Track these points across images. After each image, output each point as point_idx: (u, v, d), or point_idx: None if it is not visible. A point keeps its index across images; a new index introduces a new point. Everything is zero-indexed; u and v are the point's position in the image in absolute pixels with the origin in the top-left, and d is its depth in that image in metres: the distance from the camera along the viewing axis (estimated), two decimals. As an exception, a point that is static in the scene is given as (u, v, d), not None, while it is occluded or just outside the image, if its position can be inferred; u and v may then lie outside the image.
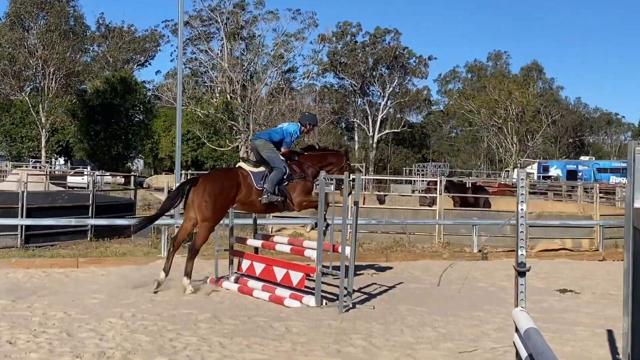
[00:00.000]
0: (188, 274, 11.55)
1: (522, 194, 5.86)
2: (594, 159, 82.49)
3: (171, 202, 12.47)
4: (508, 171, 71.97)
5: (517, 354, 5.60)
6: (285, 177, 12.09)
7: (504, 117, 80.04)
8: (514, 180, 50.68)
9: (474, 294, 11.99)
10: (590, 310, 10.79)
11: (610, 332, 8.80)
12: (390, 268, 15.03)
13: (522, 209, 5.79)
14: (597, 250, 19.78)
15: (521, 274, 5.79)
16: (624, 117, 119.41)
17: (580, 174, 68.34)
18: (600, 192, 26.77)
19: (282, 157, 12.30)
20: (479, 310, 10.43)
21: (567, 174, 69.35)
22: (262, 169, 12.15)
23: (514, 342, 5.73)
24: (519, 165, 68.82)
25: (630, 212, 4.66)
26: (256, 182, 11.96)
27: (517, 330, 5.53)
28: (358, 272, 12.93)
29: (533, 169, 70.13)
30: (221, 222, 12.44)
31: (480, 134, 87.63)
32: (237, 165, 12.96)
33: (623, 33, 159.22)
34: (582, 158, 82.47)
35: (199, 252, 12.12)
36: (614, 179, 60.00)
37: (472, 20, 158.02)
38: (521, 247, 5.80)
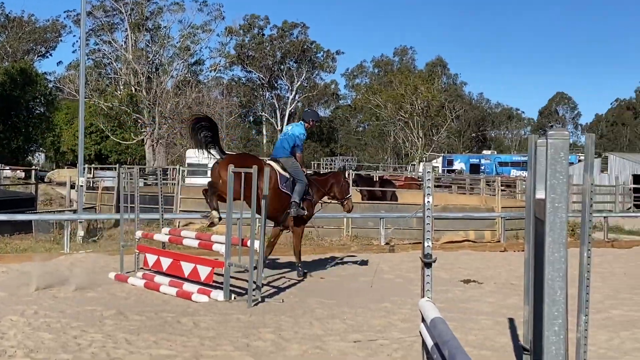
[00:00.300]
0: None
1: (428, 187, 5.97)
2: (495, 153, 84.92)
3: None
4: (414, 165, 73.25)
5: (424, 343, 5.72)
6: (304, 187, 12.98)
7: (410, 112, 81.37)
8: (420, 173, 51.61)
9: (382, 286, 12.16)
10: (492, 299, 11.10)
11: (511, 321, 9.08)
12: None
13: (428, 202, 5.90)
14: (499, 241, 20.34)
15: (427, 265, 5.91)
16: (523, 112, 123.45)
17: (482, 167, 70.21)
18: (501, 185, 27.57)
19: (300, 165, 13.28)
20: (387, 301, 10.57)
21: (471, 167, 71.17)
22: (287, 174, 12.86)
23: (420, 332, 5.85)
24: (424, 159, 70.08)
25: (530, 203, 4.82)
26: (281, 183, 12.76)
27: (423, 320, 5.64)
28: (268, 266, 12.92)
29: (438, 162, 71.61)
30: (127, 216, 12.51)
31: (387, 128, 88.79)
32: (267, 162, 13.17)
33: (524, 30, 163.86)
34: (484, 152, 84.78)
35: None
36: (514, 173, 61.85)
37: (379, 15, 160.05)
38: (427, 239, 5.92)
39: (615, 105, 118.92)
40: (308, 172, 15.19)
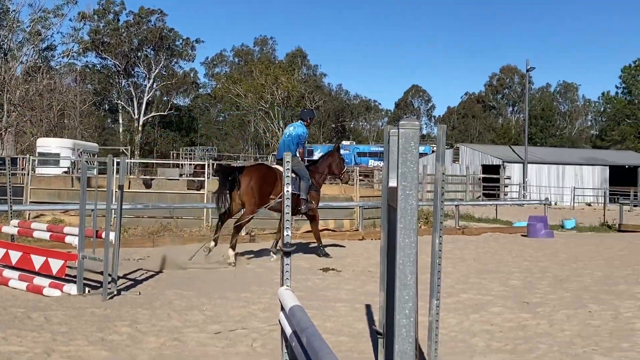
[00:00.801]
0: (233, 246, 13.92)
1: (287, 177, 6.02)
2: (354, 143, 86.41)
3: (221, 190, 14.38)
4: (275, 155, 73.53)
5: (283, 331, 5.77)
6: (308, 182, 14.63)
7: (270, 102, 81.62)
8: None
9: (243, 276, 12.18)
10: (350, 287, 11.32)
11: (368, 307, 9.32)
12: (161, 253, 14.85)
13: (287, 191, 5.96)
14: (357, 230, 20.75)
15: (287, 254, 5.97)
16: (381, 104, 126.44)
17: (343, 157, 71.03)
18: (360, 175, 28.15)
19: (302, 162, 15.04)
20: (247, 291, 10.60)
21: (330, 157, 71.82)
22: (293, 174, 12.52)
23: (279, 321, 5.90)
24: (284, 149, 70.36)
25: (385, 191, 4.95)
26: (292, 184, 12.46)
27: (282, 308, 5.70)
28: (124, 258, 12.68)
29: (300, 152, 72.05)
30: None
31: (247, 118, 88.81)
32: (273, 166, 15.13)
33: (380, 24, 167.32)
34: (343, 142, 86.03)
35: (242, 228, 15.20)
36: (372, 163, 63.15)
37: (240, 3, 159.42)
38: (287, 228, 5.98)
39: (465, 99, 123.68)
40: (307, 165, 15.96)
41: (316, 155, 72.17)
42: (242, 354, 7.15)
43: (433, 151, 60.75)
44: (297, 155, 14.55)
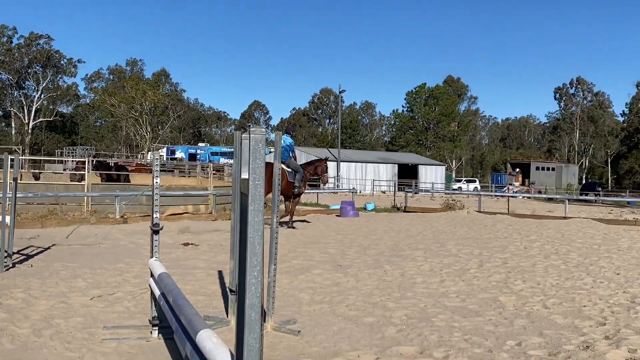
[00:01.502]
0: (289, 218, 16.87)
1: (157, 171, 5.90)
2: (208, 145, 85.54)
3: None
4: (143, 154, 71.49)
5: (152, 293, 5.66)
6: (301, 175, 16.85)
7: (139, 111, 79.36)
8: (149, 160, 50.15)
9: (118, 251, 11.75)
10: (206, 257, 11.19)
11: (220, 273, 9.25)
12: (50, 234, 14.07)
13: (156, 182, 5.84)
14: (211, 213, 20.55)
15: (155, 232, 5.86)
16: (229, 114, 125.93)
17: (198, 156, 70.26)
18: (213, 170, 27.88)
19: (297, 163, 17.22)
20: (122, 262, 10.24)
21: (189, 156, 70.94)
22: (291, 169, 16.71)
23: (149, 285, 5.77)
24: (152, 149, 68.52)
25: (237, 183, 4.93)
26: (289, 177, 16.57)
27: (152, 275, 5.58)
28: (18, 238, 11.90)
29: (163, 152, 70.61)
30: None
31: (120, 124, 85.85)
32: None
33: (231, 49, 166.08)
34: (200, 144, 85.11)
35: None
36: (223, 160, 62.59)
37: (114, 28, 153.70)
38: (155, 211, 5.85)
39: (294, 112, 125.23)
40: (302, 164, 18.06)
41: (177, 154, 70.95)
42: (119, 312, 6.91)
43: (271, 151, 61.09)
44: (292, 158, 16.89)
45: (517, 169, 77.50)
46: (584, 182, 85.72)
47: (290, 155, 16.81)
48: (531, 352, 5.59)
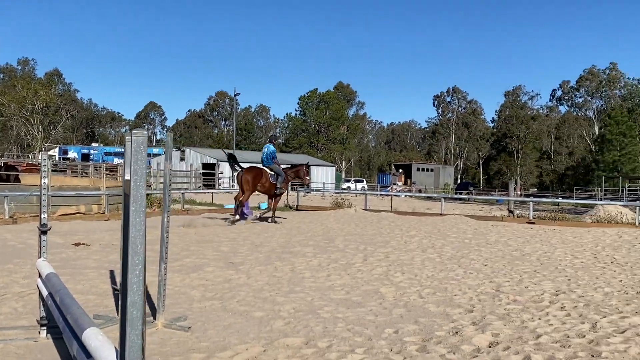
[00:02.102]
0: (235, 213, 18.22)
1: (44, 171, 5.64)
2: (102, 145, 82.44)
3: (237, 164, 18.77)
4: (35, 153, 67.88)
5: (40, 294, 5.41)
6: (283, 178, 18.78)
7: (31, 111, 75.24)
8: (40, 160, 47.86)
9: (6, 251, 11.08)
10: (97, 257, 10.78)
11: (112, 272, 8.95)
12: None
13: (44, 183, 5.58)
14: (104, 213, 19.81)
15: (43, 232, 5.60)
16: (124, 115, 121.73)
17: (92, 156, 67.65)
18: (106, 170, 26.90)
19: (280, 168, 18.89)
20: (10, 263, 9.68)
21: (82, 156, 68.22)
22: (273, 173, 18.58)
23: (37, 285, 5.52)
24: (43, 149, 65.16)
25: (124, 183, 4.81)
26: (271, 179, 18.47)
27: (40, 276, 5.34)
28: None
29: (55, 152, 67.48)
30: None
31: (10, 123, 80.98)
32: (263, 168, 18.71)
33: (126, 50, 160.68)
34: (93, 144, 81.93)
35: (241, 205, 18.38)
36: (116, 161, 60.63)
37: (5, 26, 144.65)
38: (44, 212, 5.60)
39: (190, 114, 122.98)
40: (284, 166, 19.90)
41: (70, 154, 67.92)
42: (6, 314, 6.53)
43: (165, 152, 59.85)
44: (274, 163, 18.73)
45: (400, 170, 79.99)
46: (459, 182, 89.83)
47: (273, 161, 18.79)
48: (407, 339, 5.81)
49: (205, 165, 59.94)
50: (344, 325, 6.29)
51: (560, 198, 44.87)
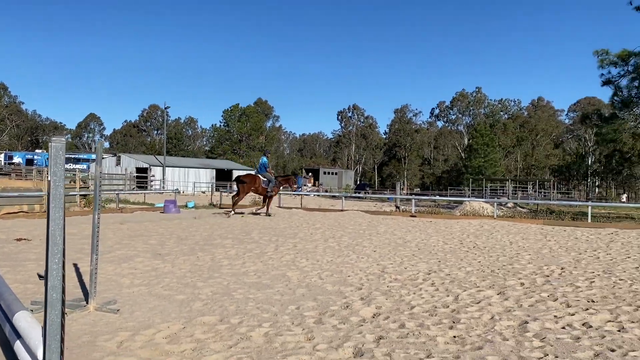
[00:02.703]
0: (233, 209, 20.24)
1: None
2: (45, 151, 78.06)
3: (236, 180, 20.54)
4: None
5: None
6: (273, 183, 20.05)
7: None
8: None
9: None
10: (38, 250, 10.18)
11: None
12: None
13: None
14: (45, 211, 18.77)
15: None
16: (65, 124, 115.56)
17: (35, 161, 63.85)
18: (47, 173, 25.51)
19: (272, 175, 20.20)
20: (-49, 258, 9.00)
21: (26, 161, 64.29)
22: (265, 179, 19.92)
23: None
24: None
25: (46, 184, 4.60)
26: (263, 183, 19.83)
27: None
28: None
29: (1, 157, 63.32)
30: None
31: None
32: (257, 175, 20.27)
33: (68, 63, 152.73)
34: (37, 151, 77.32)
35: (237, 203, 20.39)
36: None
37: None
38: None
39: (125, 124, 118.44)
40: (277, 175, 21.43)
41: (15, 159, 63.82)
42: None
43: (104, 157, 57.25)
44: (267, 172, 20.11)
45: (310, 174, 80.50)
46: (358, 183, 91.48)
47: (266, 169, 20.22)
48: (306, 313, 5.89)
49: (139, 169, 57.94)
50: (254, 304, 6.29)
51: (437, 196, 46.69)
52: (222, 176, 64.69)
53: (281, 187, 21.65)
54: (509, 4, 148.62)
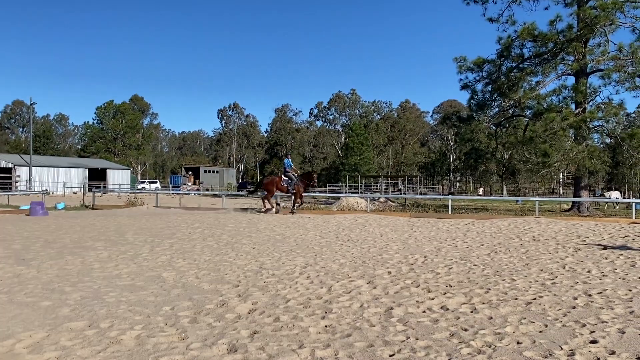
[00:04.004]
0: (264, 205, 22.07)
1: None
2: None
3: (257, 185, 23.68)
4: None
5: None
6: (294, 182, 21.75)
7: None
8: None
9: None
10: None
11: None
12: None
13: None
14: None
15: None
16: None
17: None
18: None
19: (294, 174, 22.00)
20: None
21: None
22: (286, 178, 21.83)
23: None
24: None
25: None
26: (284, 182, 21.74)
27: None
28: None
29: None
30: None
31: None
32: (279, 175, 22.48)
33: None
34: None
35: (267, 198, 22.04)
36: None
37: None
38: None
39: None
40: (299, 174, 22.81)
41: None
42: None
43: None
44: (289, 172, 21.97)
45: (190, 172, 78.36)
46: (240, 181, 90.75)
47: (287, 170, 22.03)
48: (181, 313, 5.75)
49: (2, 170, 52.71)
50: (126, 307, 6.01)
51: (317, 192, 47.67)
52: (96, 176, 60.93)
53: (306, 184, 22.31)
54: (379, 11, 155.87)
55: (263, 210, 22.08)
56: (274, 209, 22.01)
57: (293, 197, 22.26)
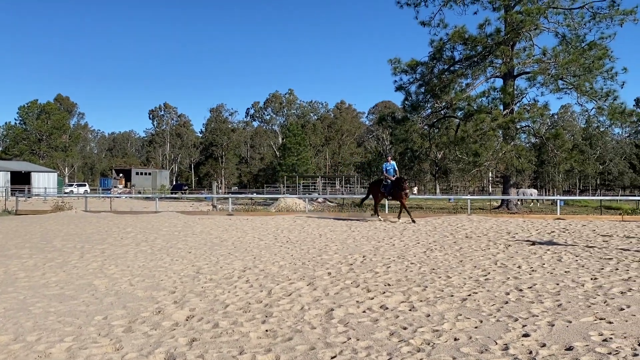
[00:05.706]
0: (375, 213, 19.68)
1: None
2: None
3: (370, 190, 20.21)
4: None
5: None
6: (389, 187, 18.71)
7: None
8: None
9: None
10: None
11: None
12: None
13: None
14: None
15: None
16: None
17: None
18: None
19: (390, 179, 18.74)
20: None
21: None
22: (386, 183, 18.83)
23: None
24: None
25: None
26: (382, 187, 18.91)
27: None
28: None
29: None
30: None
31: None
32: (382, 180, 19.26)
33: None
34: None
35: (376, 207, 19.97)
36: None
37: None
38: None
39: None
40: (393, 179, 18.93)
41: None
42: None
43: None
44: (386, 176, 18.74)
45: (121, 174, 75.85)
46: (174, 183, 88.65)
47: (385, 173, 18.93)
48: (114, 323, 5.53)
49: None
50: (55, 318, 5.72)
51: (255, 194, 47.36)
52: (19, 179, 57.73)
53: (408, 190, 19.13)
54: (313, 11, 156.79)
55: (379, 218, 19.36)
56: (380, 218, 19.33)
57: (400, 203, 19.02)
